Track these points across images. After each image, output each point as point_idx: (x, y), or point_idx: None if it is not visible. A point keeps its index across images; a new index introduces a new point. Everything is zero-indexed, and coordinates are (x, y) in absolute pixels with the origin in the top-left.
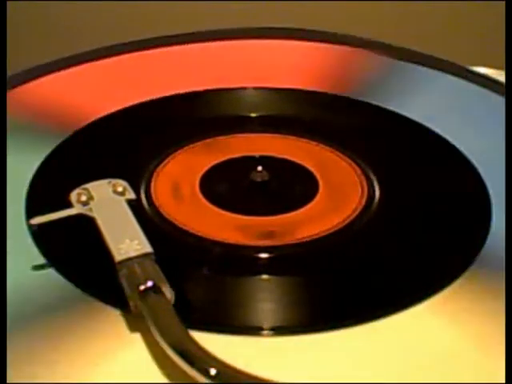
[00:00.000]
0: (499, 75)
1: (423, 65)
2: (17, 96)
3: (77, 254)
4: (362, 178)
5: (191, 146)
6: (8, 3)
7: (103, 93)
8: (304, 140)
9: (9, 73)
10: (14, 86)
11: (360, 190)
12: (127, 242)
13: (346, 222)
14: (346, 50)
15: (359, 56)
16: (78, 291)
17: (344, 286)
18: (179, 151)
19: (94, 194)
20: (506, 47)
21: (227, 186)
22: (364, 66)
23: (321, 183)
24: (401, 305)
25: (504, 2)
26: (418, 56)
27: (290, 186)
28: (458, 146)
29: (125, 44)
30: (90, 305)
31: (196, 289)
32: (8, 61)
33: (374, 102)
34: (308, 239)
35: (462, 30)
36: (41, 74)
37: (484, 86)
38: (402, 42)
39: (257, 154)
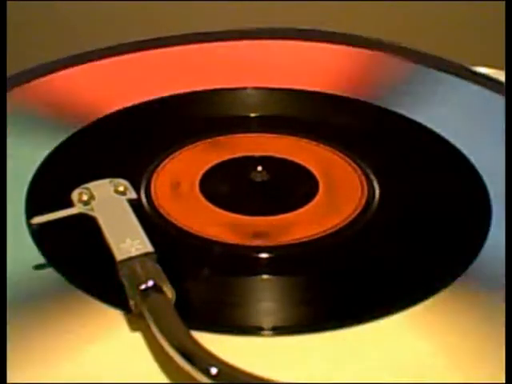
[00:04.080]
0: (499, 75)
1: (423, 64)
2: (17, 95)
3: (77, 253)
4: (362, 178)
5: (191, 145)
6: (8, 3)
7: (104, 93)
8: (304, 140)
9: (9, 73)
10: (13, 86)
11: (360, 189)
12: (128, 241)
13: (346, 221)
14: (344, 50)
15: (357, 55)
16: (78, 291)
17: (344, 286)
18: (179, 151)
19: (95, 193)
20: (506, 47)
21: (227, 186)
22: (362, 66)
23: (321, 183)
24: (400, 305)
25: (504, 2)
26: (418, 55)
27: (290, 186)
28: (458, 146)
29: (125, 44)
30: (90, 305)
31: (197, 289)
32: (8, 61)
33: (374, 102)
34: (308, 239)
35: (462, 30)
36: (40, 74)
37: (484, 85)
38: (401, 41)
39: (257, 153)
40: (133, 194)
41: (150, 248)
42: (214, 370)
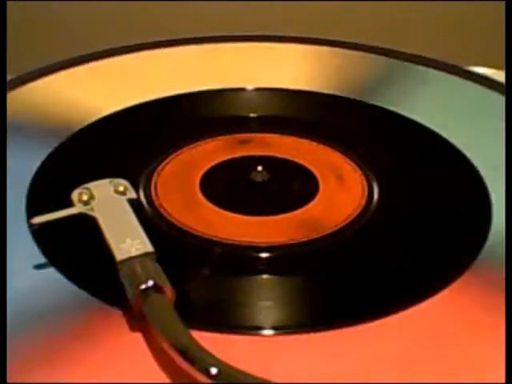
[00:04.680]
0: (499, 75)
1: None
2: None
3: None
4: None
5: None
6: (8, 3)
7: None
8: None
9: (9, 73)
10: (14, 86)
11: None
12: (128, 241)
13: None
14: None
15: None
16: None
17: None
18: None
19: (95, 193)
20: (506, 47)
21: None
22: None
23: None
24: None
25: (504, 2)
26: (418, 57)
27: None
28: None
29: (126, 46)
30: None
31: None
32: (8, 61)
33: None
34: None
35: (462, 30)
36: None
37: (484, 85)
38: (402, 42)
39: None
40: (133, 194)
41: (150, 248)
42: (214, 370)
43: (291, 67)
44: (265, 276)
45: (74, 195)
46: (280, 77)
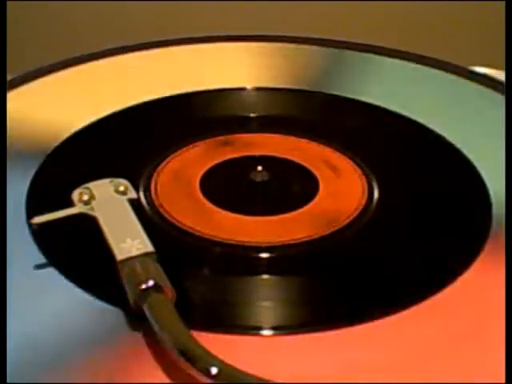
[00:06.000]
0: (499, 75)
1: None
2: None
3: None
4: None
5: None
6: (8, 3)
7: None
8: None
9: (9, 73)
10: (14, 86)
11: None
12: (129, 241)
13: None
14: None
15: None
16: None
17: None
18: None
19: (95, 193)
20: (506, 47)
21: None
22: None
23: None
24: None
25: (504, 2)
26: (418, 56)
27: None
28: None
29: (125, 46)
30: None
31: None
32: (8, 61)
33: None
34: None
35: (462, 30)
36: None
37: (484, 85)
38: (402, 41)
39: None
40: (133, 194)
41: (150, 248)
42: (214, 370)
43: (291, 67)
44: (265, 276)
45: (75, 195)
46: (280, 77)
